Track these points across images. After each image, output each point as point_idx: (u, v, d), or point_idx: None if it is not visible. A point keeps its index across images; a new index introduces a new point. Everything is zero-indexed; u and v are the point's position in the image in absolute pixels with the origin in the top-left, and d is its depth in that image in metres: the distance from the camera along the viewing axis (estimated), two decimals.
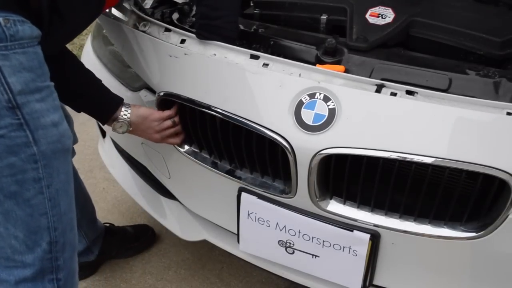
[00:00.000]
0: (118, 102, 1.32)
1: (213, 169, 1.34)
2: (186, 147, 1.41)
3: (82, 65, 1.31)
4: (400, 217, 1.16)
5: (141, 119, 1.33)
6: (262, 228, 1.32)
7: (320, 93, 1.13)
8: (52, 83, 1.08)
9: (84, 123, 2.44)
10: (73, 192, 1.16)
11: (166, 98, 1.32)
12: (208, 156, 1.37)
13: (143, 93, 1.48)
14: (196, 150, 1.39)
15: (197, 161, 1.37)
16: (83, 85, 1.30)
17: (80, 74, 1.29)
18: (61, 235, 1.12)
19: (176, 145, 1.41)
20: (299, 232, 1.27)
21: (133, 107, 1.33)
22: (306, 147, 1.12)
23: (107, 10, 1.49)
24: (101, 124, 1.43)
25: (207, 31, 1.29)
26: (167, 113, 1.34)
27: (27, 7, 1.00)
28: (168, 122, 1.35)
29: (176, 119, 1.35)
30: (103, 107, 1.32)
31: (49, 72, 1.07)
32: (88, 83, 1.30)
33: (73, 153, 1.67)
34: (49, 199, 1.07)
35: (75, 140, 1.66)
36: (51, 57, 1.23)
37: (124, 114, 1.31)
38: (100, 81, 1.32)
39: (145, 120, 1.33)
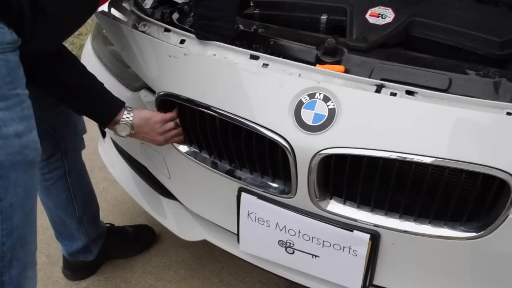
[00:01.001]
0: (119, 105, 1.31)
1: (213, 169, 1.34)
2: (186, 148, 1.41)
3: (83, 67, 1.30)
4: (400, 217, 1.16)
5: (144, 121, 1.32)
6: (262, 228, 1.32)
7: (320, 93, 1.13)
8: (26, 92, 1.04)
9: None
10: (34, 206, 1.11)
11: (165, 98, 1.32)
12: (208, 156, 1.37)
13: (143, 93, 1.47)
14: (196, 150, 1.39)
15: (197, 161, 1.37)
16: (83, 87, 1.28)
17: (81, 76, 1.28)
18: (9, 250, 1.05)
19: (176, 146, 1.41)
20: (299, 232, 1.27)
21: (136, 110, 1.32)
22: (306, 147, 1.12)
23: (106, 10, 1.49)
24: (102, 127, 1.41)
25: (207, 31, 1.29)
26: (169, 115, 1.34)
27: (7, 9, 0.96)
28: (171, 124, 1.34)
29: (178, 120, 1.35)
30: (104, 109, 1.30)
31: (24, 79, 1.03)
32: (88, 85, 1.29)
33: (83, 145, 1.68)
34: (0, 212, 1.02)
35: (83, 130, 1.66)
36: (51, 57, 1.22)
37: (127, 117, 1.30)
38: (102, 84, 1.31)
39: (148, 122, 1.33)
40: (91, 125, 2.34)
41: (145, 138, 1.37)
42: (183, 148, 1.41)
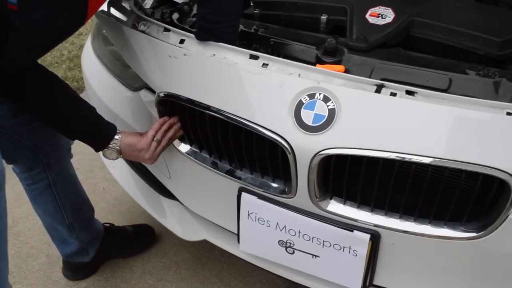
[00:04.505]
0: (113, 130, 1.33)
1: (213, 169, 1.34)
2: (187, 148, 1.41)
3: (75, 96, 1.29)
4: (400, 217, 1.16)
5: (130, 148, 1.34)
6: (262, 228, 1.32)
7: (319, 94, 1.13)
8: None
9: None
10: (5, 225, 1.14)
11: (165, 98, 1.32)
12: (208, 156, 1.37)
13: (143, 93, 1.48)
14: (196, 150, 1.39)
15: (197, 161, 1.37)
16: (76, 119, 1.29)
17: (73, 110, 1.28)
18: None
19: (176, 146, 1.40)
20: (299, 232, 1.27)
21: (123, 135, 1.34)
22: (306, 148, 1.12)
23: (106, 10, 1.49)
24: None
25: (207, 33, 1.28)
26: (151, 133, 1.33)
27: None
28: (154, 144, 1.35)
29: (159, 135, 1.34)
30: (99, 137, 1.32)
31: None
32: (82, 117, 1.29)
33: (69, 156, 1.67)
34: None
35: (69, 142, 1.65)
36: (43, 90, 1.21)
37: (114, 143, 1.32)
38: (93, 109, 1.32)
39: (133, 148, 1.34)
40: None
41: (134, 159, 1.40)
42: (184, 148, 1.41)
